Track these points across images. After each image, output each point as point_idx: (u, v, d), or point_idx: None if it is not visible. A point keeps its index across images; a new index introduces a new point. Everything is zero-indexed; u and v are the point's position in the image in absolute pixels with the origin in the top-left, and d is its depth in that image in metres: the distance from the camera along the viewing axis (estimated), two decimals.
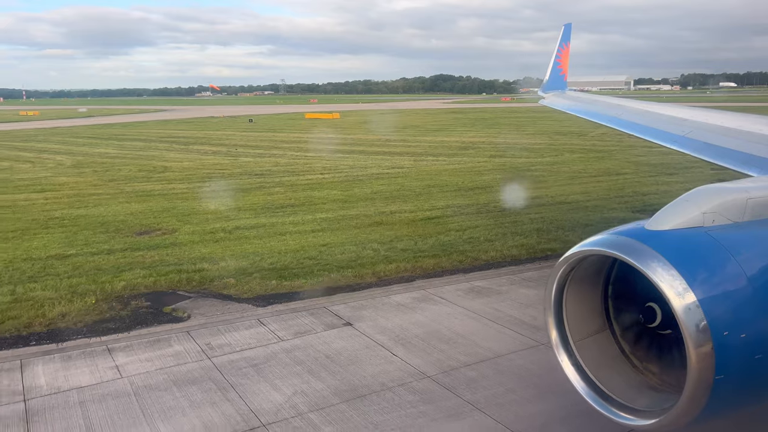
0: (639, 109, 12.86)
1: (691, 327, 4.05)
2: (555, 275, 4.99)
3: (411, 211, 20.51)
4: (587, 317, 5.16)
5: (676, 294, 4.11)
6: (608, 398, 4.88)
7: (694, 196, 4.85)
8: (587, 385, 5.00)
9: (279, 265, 14.29)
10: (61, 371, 9.26)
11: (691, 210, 4.69)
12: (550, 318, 5.09)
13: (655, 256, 4.27)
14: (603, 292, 5.19)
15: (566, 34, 20.04)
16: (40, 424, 7.76)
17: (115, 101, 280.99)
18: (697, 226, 4.61)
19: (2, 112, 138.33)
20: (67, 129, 71.61)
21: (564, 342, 5.10)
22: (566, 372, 5.08)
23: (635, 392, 4.89)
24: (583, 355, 5.07)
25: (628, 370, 5.05)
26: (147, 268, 14.19)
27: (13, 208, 22.30)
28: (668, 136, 10.05)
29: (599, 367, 5.04)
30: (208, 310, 11.79)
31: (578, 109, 15.98)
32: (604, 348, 5.14)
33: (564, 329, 5.10)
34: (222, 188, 26.24)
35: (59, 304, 11.80)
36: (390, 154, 38.54)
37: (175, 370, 9.25)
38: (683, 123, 10.24)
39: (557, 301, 5.06)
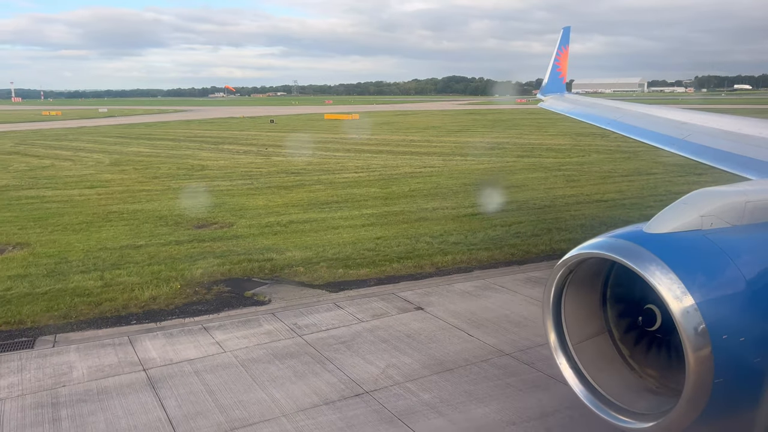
0: (637, 112, 12.91)
1: (690, 330, 4.05)
2: (553, 278, 5.00)
3: (452, 208, 21.32)
4: (586, 320, 5.16)
5: (674, 297, 4.12)
6: (606, 401, 4.87)
7: (693, 199, 4.85)
8: (585, 387, 4.99)
9: (341, 256, 15.16)
10: (167, 346, 10.19)
11: (690, 213, 4.69)
12: (549, 320, 5.09)
13: (653, 260, 4.28)
14: (601, 294, 5.20)
15: (565, 37, 20.31)
16: (166, 389, 8.67)
17: (130, 101, 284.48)
18: (695, 230, 4.61)
19: (25, 111, 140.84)
20: (94, 128, 73.13)
21: (562, 344, 5.10)
22: (564, 374, 5.08)
23: (633, 395, 4.89)
24: (581, 357, 5.07)
25: (626, 373, 5.06)
26: (219, 257, 15.12)
27: (71, 202, 23.39)
28: (667, 139, 10.04)
29: (597, 370, 5.04)
30: (286, 294, 12.69)
31: (577, 112, 16.03)
32: (603, 351, 5.14)
33: (562, 332, 5.09)
34: (263, 185, 27.19)
35: (148, 289, 12.75)
36: (418, 154, 39.37)
37: (272, 346, 10.14)
38: (682, 126, 10.26)
39: (556, 304, 5.07)
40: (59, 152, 43.92)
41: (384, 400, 8.28)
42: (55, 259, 15.14)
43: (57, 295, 12.43)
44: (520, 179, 27.86)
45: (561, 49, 20.12)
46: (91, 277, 13.54)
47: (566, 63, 20.28)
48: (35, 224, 19.41)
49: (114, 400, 8.39)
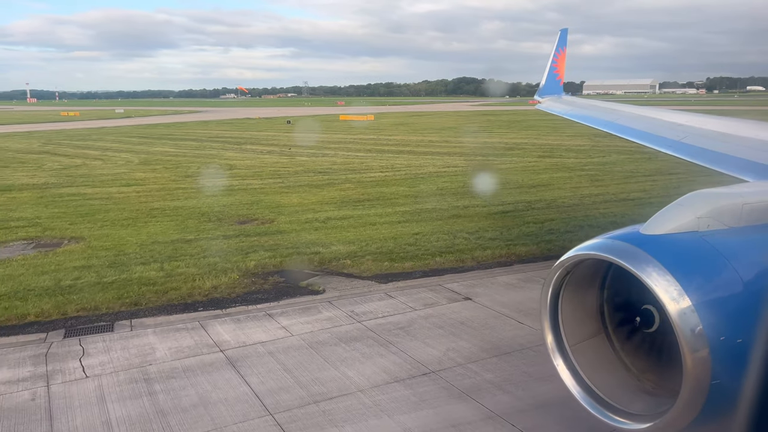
0: (635, 113, 13.01)
1: (687, 332, 4.06)
2: (551, 279, 5.01)
3: (483, 205, 21.95)
4: (583, 321, 5.16)
5: (671, 299, 4.13)
6: (603, 402, 4.89)
7: (689, 201, 4.85)
8: (582, 389, 4.99)
9: (384, 250, 15.85)
10: (237, 330, 10.92)
11: (686, 215, 4.69)
12: (546, 322, 5.11)
13: (650, 261, 4.29)
14: (599, 296, 5.21)
15: (562, 39, 20.46)
16: (246, 368, 9.38)
17: (142, 102, 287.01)
18: (692, 231, 4.62)
19: (43, 112, 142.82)
20: (115, 129, 74.39)
21: (560, 346, 5.12)
22: (562, 376, 5.09)
23: (631, 396, 4.90)
24: (578, 359, 5.08)
25: (623, 374, 5.06)
26: (268, 250, 15.86)
27: (113, 199, 24.25)
28: (663, 141, 10.07)
29: (595, 371, 5.04)
30: (338, 285, 13.39)
31: (574, 113, 16.10)
32: (600, 352, 5.14)
33: (560, 333, 5.11)
34: (294, 184, 27.94)
35: (208, 279, 13.50)
36: (439, 154, 40.02)
37: (335, 331, 10.84)
38: (678, 128, 10.32)
39: (553, 305, 5.08)
40: (87, 152, 44.96)
41: (450, 378, 8.96)
42: (113, 251, 15.93)
43: (124, 284, 13.21)
44: (545, 179, 28.43)
45: (558, 51, 20.23)
46: (152, 268, 14.32)
47: (564, 65, 20.44)
48: (83, 219, 20.25)
49: (200, 377, 9.12)
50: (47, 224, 19.56)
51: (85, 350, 10.09)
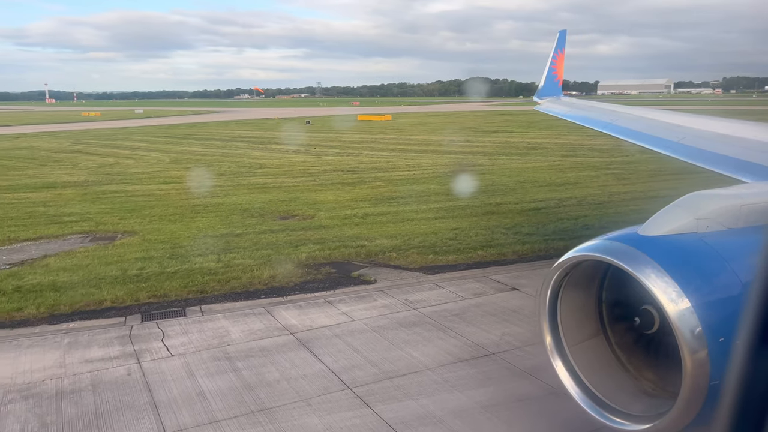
0: (634, 115, 13.08)
1: (686, 333, 4.06)
2: (549, 280, 5.03)
3: (515, 203, 22.55)
4: (582, 322, 5.17)
5: (670, 300, 4.13)
6: (602, 403, 4.88)
7: (688, 202, 4.85)
8: (581, 390, 4.99)
9: (426, 244, 16.52)
10: (302, 315, 11.65)
11: (685, 216, 4.69)
12: (545, 323, 5.13)
13: (648, 262, 4.28)
14: (597, 297, 5.21)
15: (561, 40, 20.63)
16: (317, 348, 10.10)
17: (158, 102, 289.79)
18: (690, 232, 4.61)
19: (64, 113, 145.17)
20: (138, 129, 75.77)
21: (558, 347, 5.13)
22: (561, 377, 5.09)
23: (630, 397, 4.89)
24: (577, 360, 5.08)
25: (622, 375, 5.06)
26: (315, 243, 16.60)
27: (154, 196, 25.16)
28: (662, 143, 10.10)
29: (593, 372, 5.04)
30: (388, 276, 14.08)
31: (574, 115, 16.16)
32: (599, 353, 5.14)
33: (558, 334, 5.12)
34: (326, 182, 28.70)
35: (264, 269, 14.25)
36: (463, 153, 40.60)
37: (394, 317, 11.53)
38: (677, 129, 10.33)
39: (552, 307, 5.09)
40: (117, 151, 46.11)
41: (511, 359, 9.61)
42: (168, 244, 16.76)
43: (186, 274, 14.00)
44: (572, 177, 28.95)
45: (557, 53, 20.33)
46: (210, 260, 15.11)
47: (562, 66, 20.61)
48: (132, 215, 21.14)
49: (277, 356, 9.86)
50: (98, 219, 20.47)
51: (165, 332, 10.87)
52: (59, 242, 17.46)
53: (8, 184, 29.49)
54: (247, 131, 68.71)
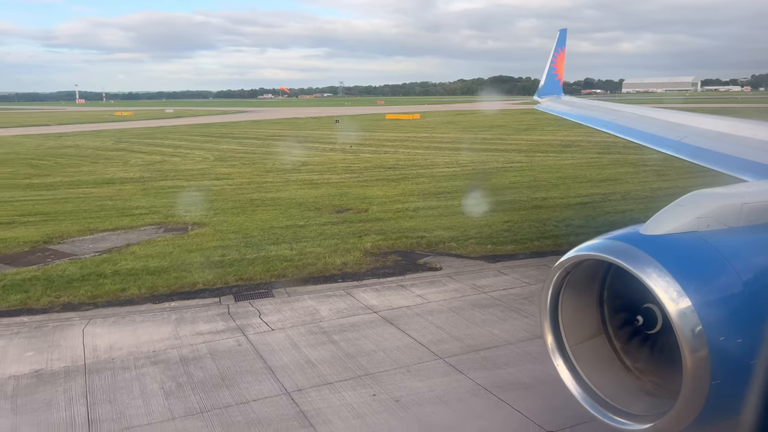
0: (634, 114, 13.11)
1: (687, 332, 4.06)
2: (550, 280, 5.02)
3: (560, 198, 23.27)
4: (583, 322, 5.18)
5: (670, 299, 4.12)
6: (603, 402, 4.90)
7: (689, 201, 4.86)
8: (583, 389, 5.00)
9: (483, 235, 17.39)
10: (380, 297, 12.62)
11: (686, 215, 4.69)
12: (546, 322, 5.12)
13: (650, 261, 4.28)
14: (598, 296, 5.22)
15: (561, 39, 20.52)
16: (402, 325, 11.06)
17: (185, 102, 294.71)
18: (691, 231, 4.62)
19: (97, 112, 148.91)
20: (173, 128, 77.83)
21: (560, 346, 5.12)
22: (562, 376, 5.09)
23: (631, 397, 4.92)
24: (578, 359, 5.09)
25: (623, 375, 5.07)
26: (377, 234, 17.58)
27: (212, 191, 26.43)
28: (663, 141, 10.14)
29: (595, 372, 5.06)
30: (451, 264, 14.99)
31: (574, 114, 16.22)
32: (600, 352, 5.15)
33: (560, 334, 5.12)
34: (370, 178, 29.71)
35: (335, 257, 15.26)
36: (498, 151, 41.29)
37: (466, 299, 12.44)
38: (678, 128, 10.36)
39: (553, 306, 5.09)
40: (161, 149, 47.78)
41: None
42: (240, 234, 17.89)
43: (265, 260, 15.08)
44: (612, 173, 29.51)
45: (558, 52, 20.37)
46: (283, 248, 16.18)
47: (563, 65, 20.59)
48: (195, 208, 22.37)
49: (367, 331, 10.84)
50: (165, 212, 21.73)
51: (260, 311, 11.94)
52: (136, 232, 18.72)
53: (70, 180, 31.11)
54: (281, 130, 70.17)
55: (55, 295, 12.70)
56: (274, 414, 8.08)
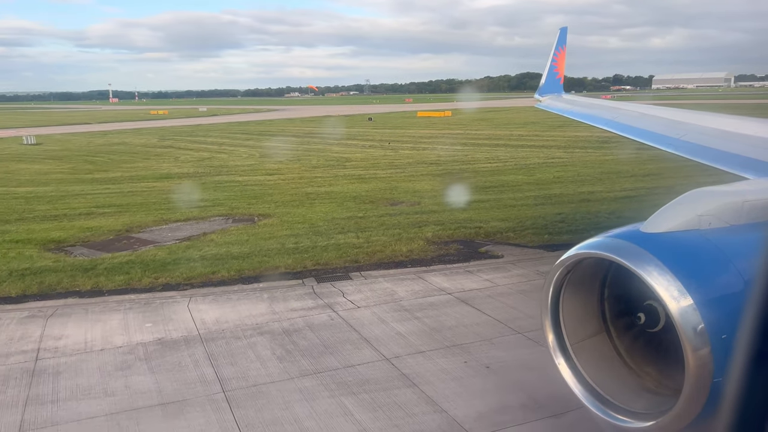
0: (635, 112, 13.13)
1: (689, 330, 4.05)
2: (551, 278, 5.04)
3: (606, 191, 23.91)
4: (584, 320, 5.18)
5: (672, 297, 4.12)
6: (605, 401, 4.88)
7: (690, 199, 4.88)
8: (584, 387, 5.00)
9: (538, 226, 18.21)
10: (450, 280, 13.58)
11: (687, 212, 4.70)
12: (547, 321, 5.15)
13: (650, 259, 4.27)
14: (599, 295, 5.21)
15: (562, 37, 20.58)
16: (476, 304, 12.00)
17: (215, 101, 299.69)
18: (693, 229, 4.63)
19: (133, 111, 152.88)
20: (211, 126, 79.92)
21: (561, 345, 5.12)
22: (563, 375, 5.08)
23: (632, 395, 4.90)
24: (579, 357, 5.08)
25: (624, 373, 5.07)
26: (436, 224, 18.54)
27: (266, 186, 27.73)
28: (663, 139, 10.15)
29: (596, 370, 5.05)
30: (512, 252, 15.87)
31: (575, 112, 16.25)
32: (601, 351, 5.14)
33: (561, 332, 5.13)
34: (415, 173, 30.67)
35: (401, 244, 16.27)
36: (536, 147, 41.86)
37: (533, 283, 13.30)
38: (678, 126, 10.36)
39: (554, 304, 5.12)
40: (205, 146, 49.48)
41: None
42: (306, 225, 19.04)
43: (336, 247, 16.17)
44: (653, 168, 29.92)
45: (558, 50, 20.41)
46: (350, 237, 17.26)
47: (563, 63, 20.72)
48: (256, 201, 23.64)
49: (445, 309, 11.82)
50: (229, 204, 23.04)
51: (342, 291, 13.01)
52: (207, 222, 20.02)
53: (129, 175, 32.79)
54: (316, 128, 71.55)
55: (154, 276, 13.98)
56: (378, 375, 9.12)
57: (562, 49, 20.59)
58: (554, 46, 20.74)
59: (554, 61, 20.50)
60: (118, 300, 12.71)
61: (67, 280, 13.73)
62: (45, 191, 27.43)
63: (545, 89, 20.59)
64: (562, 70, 20.81)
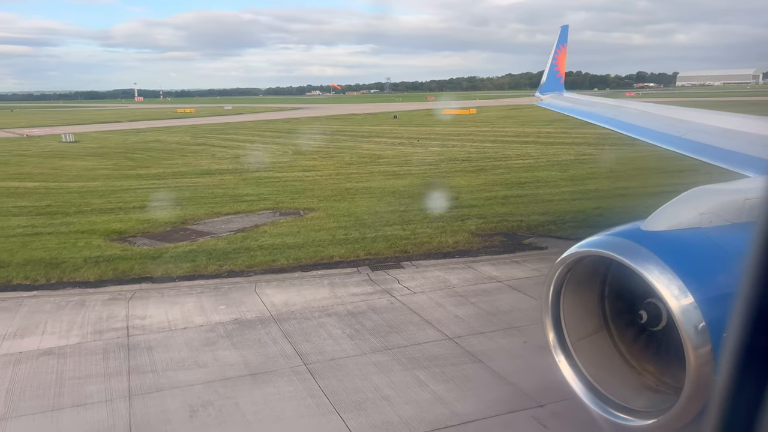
0: (637, 110, 13.19)
1: (690, 328, 4.04)
2: (552, 277, 5.08)
3: (641, 187, 24.26)
4: (584, 318, 5.18)
5: (673, 295, 4.11)
6: (606, 399, 4.88)
7: (691, 197, 4.88)
8: (584, 385, 5.00)
9: (578, 219, 18.76)
10: (499, 270, 14.24)
11: (688, 211, 4.70)
12: (547, 319, 5.15)
13: (651, 257, 4.27)
14: (600, 293, 5.22)
15: (563, 35, 20.59)
16: (528, 291, 12.65)
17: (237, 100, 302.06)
18: (694, 227, 4.61)
19: (159, 110, 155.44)
20: (239, 124, 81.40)
21: (561, 343, 5.13)
22: (564, 373, 5.10)
23: (633, 393, 4.90)
24: (580, 356, 5.09)
25: (625, 371, 5.06)
26: (478, 218, 19.19)
27: (305, 181, 28.62)
28: (665, 138, 10.17)
29: (596, 368, 5.06)
30: (554, 244, 16.46)
31: (576, 110, 16.21)
32: (602, 349, 5.15)
33: (561, 330, 5.13)
34: (448, 170, 31.29)
35: (446, 236, 16.97)
36: (566, 144, 42.14)
37: None
38: (680, 124, 10.34)
39: (554, 303, 5.13)
40: (238, 143, 50.67)
41: None
42: (351, 218, 19.84)
43: (384, 239, 16.92)
44: (689, 164, 30.02)
45: (559, 48, 20.36)
46: (396, 229, 18.01)
47: (564, 62, 20.72)
48: (299, 196, 24.52)
49: (498, 295, 12.50)
50: (273, 199, 23.96)
51: (397, 278, 13.77)
52: (256, 216, 20.94)
53: (172, 171, 33.99)
54: (343, 126, 72.49)
55: (218, 264, 14.89)
56: (445, 352, 9.86)
57: (564, 48, 20.64)
58: (555, 44, 20.76)
59: (555, 59, 20.55)
60: (188, 285, 13.63)
61: (138, 267, 14.71)
62: (95, 186, 28.69)
63: (546, 87, 20.68)
64: (563, 69, 20.91)
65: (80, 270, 14.49)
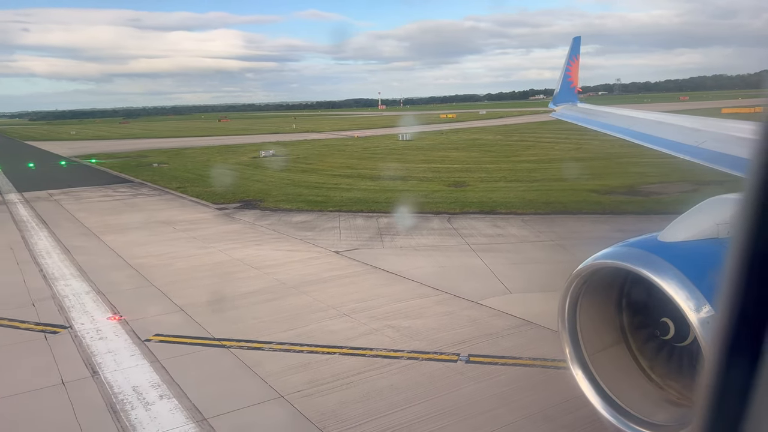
0: (650, 119, 13.10)
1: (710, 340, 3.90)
2: (568, 288, 5.00)
3: None
4: (602, 331, 5.15)
5: (691, 307, 4.03)
6: (625, 413, 4.83)
7: (708, 207, 4.81)
8: (603, 399, 4.95)
9: None
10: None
11: (705, 221, 4.62)
12: (564, 332, 5.11)
13: (669, 269, 4.22)
14: (617, 305, 5.18)
15: (575, 46, 20.50)
16: None
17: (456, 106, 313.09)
18: (711, 238, 4.54)
19: (420, 116, 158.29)
20: (521, 125, 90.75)
21: (578, 356, 5.09)
22: (581, 386, 5.06)
23: (653, 406, 4.83)
24: (598, 368, 5.05)
25: (644, 384, 4.99)
26: None
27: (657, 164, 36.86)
28: (680, 147, 10.07)
29: (615, 381, 5.01)
30: None
31: (590, 120, 16.19)
32: (620, 361, 5.11)
33: (578, 343, 5.09)
34: None
35: None
36: None
37: None
38: (696, 133, 10.21)
39: (571, 315, 5.07)
40: (556, 138, 59.70)
41: None
42: None
43: None
44: None
45: (572, 59, 20.33)
46: None
47: (577, 73, 20.73)
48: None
49: None
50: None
51: None
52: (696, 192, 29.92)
53: (541, 157, 44.68)
54: None
55: None
56: None
57: (576, 59, 20.81)
58: (567, 55, 20.86)
59: (568, 70, 20.76)
60: None
61: (632, 207, 24.61)
62: (536, 166, 39.68)
63: (560, 98, 20.98)
64: (576, 80, 21.09)
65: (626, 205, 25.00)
